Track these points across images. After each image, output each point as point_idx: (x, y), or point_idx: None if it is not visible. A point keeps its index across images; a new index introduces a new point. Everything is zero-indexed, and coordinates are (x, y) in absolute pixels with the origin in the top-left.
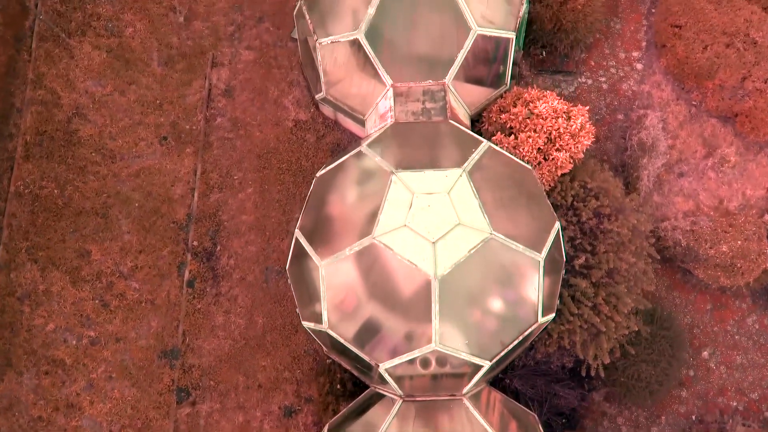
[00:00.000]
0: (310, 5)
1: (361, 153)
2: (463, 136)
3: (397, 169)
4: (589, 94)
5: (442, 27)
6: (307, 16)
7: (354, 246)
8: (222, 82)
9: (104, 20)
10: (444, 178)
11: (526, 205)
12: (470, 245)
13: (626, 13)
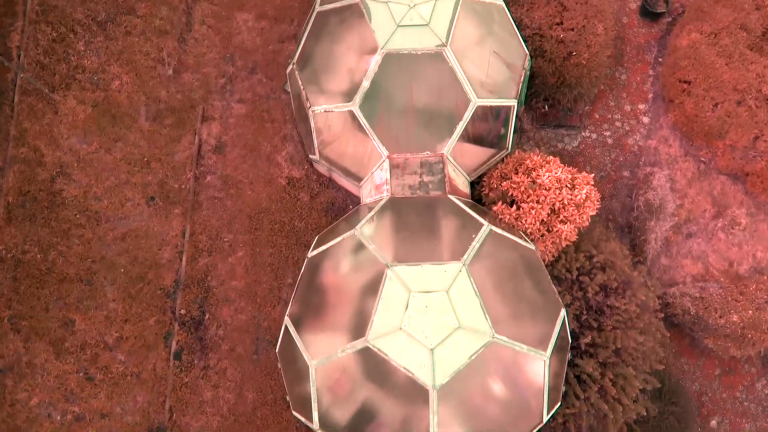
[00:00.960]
0: (303, 69)
1: (355, 237)
2: (463, 217)
3: (392, 262)
4: (594, 149)
5: (440, 99)
6: (300, 82)
7: (346, 348)
8: (212, 138)
9: (89, 73)
10: (443, 274)
11: (530, 295)
12: (471, 351)
13: (632, 62)
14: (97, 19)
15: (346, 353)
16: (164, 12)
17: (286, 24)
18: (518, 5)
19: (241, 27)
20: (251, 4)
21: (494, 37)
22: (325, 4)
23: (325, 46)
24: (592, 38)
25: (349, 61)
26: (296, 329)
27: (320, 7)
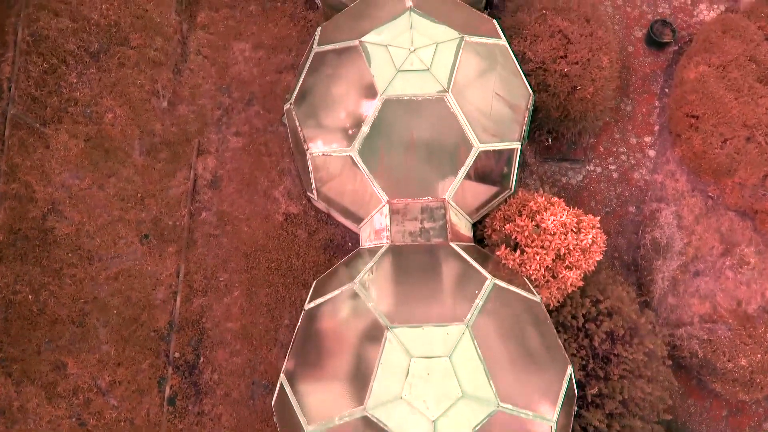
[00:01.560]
0: (300, 109)
1: (354, 291)
2: (466, 269)
3: (392, 322)
4: (599, 183)
5: (441, 144)
6: (297, 122)
7: (344, 415)
8: (208, 172)
9: (82, 105)
10: (445, 336)
11: (536, 352)
12: (475, 422)
13: (637, 93)
14: (90, 50)
15: (344, 421)
16: (158, 43)
17: (284, 54)
18: (521, 38)
19: (238, 57)
20: (248, 33)
21: (497, 79)
22: (324, 44)
23: (324, 88)
24: (597, 72)
25: (348, 105)
26: (292, 387)
27: (318, 47)
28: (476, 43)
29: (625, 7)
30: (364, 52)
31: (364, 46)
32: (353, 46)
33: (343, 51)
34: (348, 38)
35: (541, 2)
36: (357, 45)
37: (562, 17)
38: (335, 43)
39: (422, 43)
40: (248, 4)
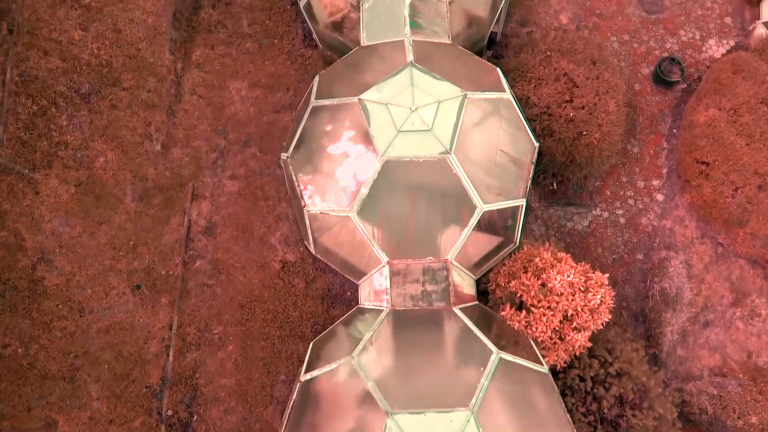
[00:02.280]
0: (297, 163)
1: (352, 366)
2: (470, 341)
3: (393, 407)
4: (605, 229)
5: (444, 206)
6: (294, 176)
7: None
8: (203, 218)
9: (72, 149)
10: (448, 424)
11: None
12: None
13: (645, 133)
14: (81, 92)
15: None
16: (152, 83)
17: (282, 92)
18: (525, 81)
19: (234, 97)
20: (244, 72)
21: (501, 134)
22: (322, 98)
23: (322, 145)
24: (603, 116)
25: (347, 164)
26: None
27: (316, 101)
28: (480, 99)
29: (631, 43)
30: (363, 110)
31: (363, 104)
32: (352, 103)
33: (342, 107)
34: (347, 93)
35: (545, 43)
36: (356, 102)
37: (568, 59)
38: (334, 98)
39: (424, 101)
40: (244, 41)
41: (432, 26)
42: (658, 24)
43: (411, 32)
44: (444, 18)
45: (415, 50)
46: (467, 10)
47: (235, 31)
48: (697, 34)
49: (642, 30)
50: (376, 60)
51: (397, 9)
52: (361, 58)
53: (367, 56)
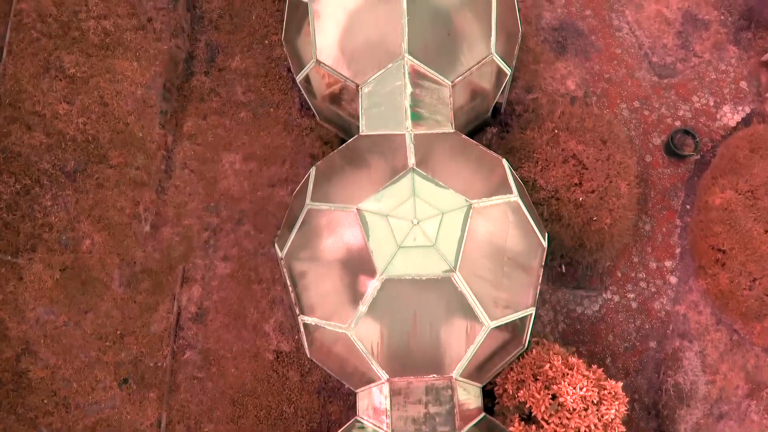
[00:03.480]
0: (291, 266)
1: None
2: None
3: None
4: (617, 313)
5: (448, 324)
6: (289, 280)
7: None
8: (193, 304)
9: (57, 231)
10: None
11: None
12: None
13: (657, 209)
14: (66, 170)
15: None
16: (140, 160)
17: (277, 165)
18: (532, 162)
19: (227, 170)
20: (238, 144)
21: (509, 242)
22: (318, 202)
23: (317, 254)
24: (614, 201)
25: (344, 278)
26: None
27: (312, 204)
28: (485, 207)
29: (642, 110)
30: (361, 221)
31: (362, 214)
32: (350, 212)
33: (339, 216)
34: (344, 197)
35: (552, 120)
36: (354, 212)
37: (576, 139)
38: (330, 204)
39: (426, 213)
40: (239, 111)
41: (434, 115)
42: (669, 89)
43: (412, 125)
44: (447, 104)
45: (417, 146)
46: (472, 85)
47: (229, 99)
48: (710, 100)
49: (653, 96)
50: (375, 157)
51: (397, 99)
52: (359, 152)
53: (366, 150)
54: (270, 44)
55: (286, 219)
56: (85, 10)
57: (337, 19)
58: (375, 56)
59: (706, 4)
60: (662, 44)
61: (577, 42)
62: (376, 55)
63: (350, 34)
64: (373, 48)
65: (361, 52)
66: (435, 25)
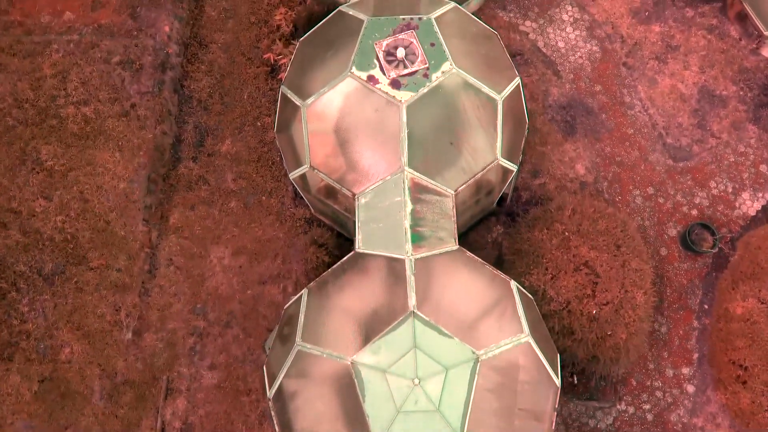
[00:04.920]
0: (280, 412)
1: None
2: None
3: None
4: (632, 427)
5: None
6: (273, 418)
7: None
8: (177, 419)
9: (35, 339)
10: None
11: None
12: None
13: (673, 309)
14: (43, 272)
15: None
16: (122, 262)
17: (269, 260)
18: (540, 268)
19: (215, 266)
20: (227, 237)
21: (519, 391)
22: (309, 344)
23: (306, 406)
24: (630, 313)
25: None
26: None
27: (301, 344)
28: (494, 356)
29: (656, 198)
30: (357, 377)
31: (356, 368)
32: (344, 363)
33: (333, 365)
34: (338, 337)
35: (562, 222)
36: (348, 364)
37: (589, 244)
38: (323, 350)
39: (429, 370)
40: (228, 200)
41: (437, 232)
42: (685, 174)
43: (413, 248)
44: (450, 217)
45: (418, 278)
46: (476, 186)
47: (219, 187)
48: (729, 186)
49: (668, 181)
50: (372, 285)
51: (396, 216)
52: (355, 276)
53: (362, 273)
54: (262, 126)
55: (278, 332)
56: (63, 94)
57: (332, 125)
58: (373, 166)
59: (724, 78)
60: (677, 123)
61: (587, 121)
62: (373, 165)
63: (346, 141)
64: (370, 158)
65: (357, 161)
66: (436, 135)
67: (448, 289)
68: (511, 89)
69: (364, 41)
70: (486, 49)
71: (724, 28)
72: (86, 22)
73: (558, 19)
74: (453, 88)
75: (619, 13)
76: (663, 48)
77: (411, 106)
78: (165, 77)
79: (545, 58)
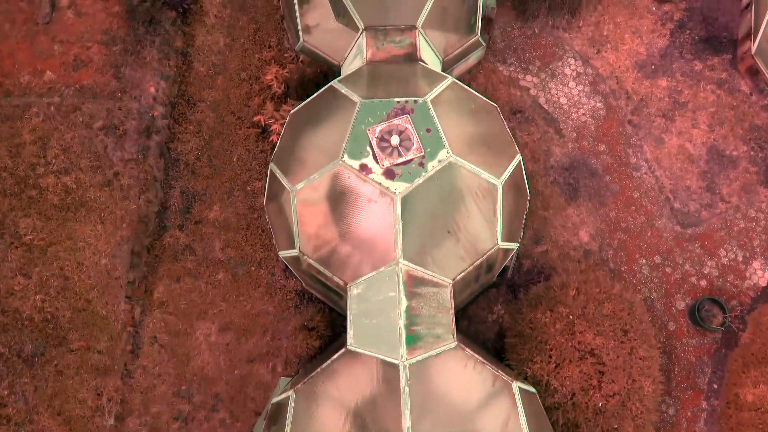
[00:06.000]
0: None
1: None
2: None
3: None
4: None
5: None
6: None
7: None
8: None
9: (15, 424)
10: None
11: None
12: None
13: (681, 389)
14: (23, 354)
15: None
16: (103, 343)
17: (257, 336)
18: (544, 355)
19: (201, 344)
20: (215, 311)
21: None
22: None
23: None
24: (638, 405)
25: None
26: None
27: None
28: None
29: (664, 267)
30: None
31: None
32: None
33: None
34: None
35: (566, 306)
36: None
37: (594, 330)
38: None
39: None
40: (216, 271)
41: (434, 329)
42: (694, 241)
43: (408, 351)
44: (448, 310)
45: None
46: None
47: (206, 257)
48: (739, 254)
49: (676, 249)
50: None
51: (391, 315)
52: (347, 379)
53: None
54: (252, 191)
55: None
56: (43, 162)
57: (323, 213)
58: (365, 256)
59: (734, 136)
60: (685, 186)
61: (591, 183)
62: (366, 255)
63: (338, 230)
64: (363, 248)
65: (349, 251)
66: (433, 225)
67: (445, 400)
68: (512, 169)
69: (357, 126)
70: (485, 127)
71: (735, 83)
72: (68, 82)
73: (560, 74)
74: (450, 177)
75: (624, 66)
76: (670, 104)
77: (406, 198)
78: (150, 142)
79: (547, 115)
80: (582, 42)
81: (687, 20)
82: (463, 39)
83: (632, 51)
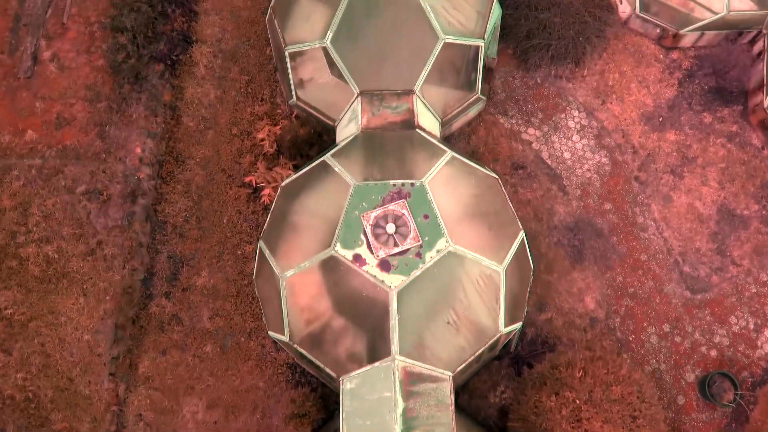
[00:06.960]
0: None
1: None
2: None
3: None
4: None
5: None
6: None
7: None
8: None
9: None
10: None
11: None
12: None
13: None
14: None
15: None
16: (87, 424)
17: (247, 414)
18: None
19: (188, 422)
20: (202, 386)
21: None
22: None
23: None
24: None
25: None
26: None
27: None
28: None
29: (673, 336)
30: None
31: None
32: None
33: None
34: None
35: (572, 389)
36: None
37: (602, 417)
38: None
39: None
40: (204, 343)
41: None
42: (704, 307)
43: None
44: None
45: None
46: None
47: (193, 327)
48: (750, 322)
49: (685, 317)
50: None
51: (386, 418)
52: None
53: None
54: (243, 255)
55: None
56: (24, 231)
57: (314, 303)
58: (359, 351)
59: (745, 194)
60: (695, 248)
61: (596, 245)
62: (360, 349)
63: (330, 322)
64: (356, 341)
65: (342, 344)
66: (431, 317)
67: None
68: (514, 251)
69: (350, 211)
70: (486, 206)
71: (746, 136)
72: (50, 142)
73: (563, 126)
74: (449, 267)
75: (631, 119)
76: (679, 159)
77: (402, 292)
78: (135, 207)
79: (550, 170)
80: (586, 92)
81: (696, 69)
82: (463, 98)
83: (639, 102)
